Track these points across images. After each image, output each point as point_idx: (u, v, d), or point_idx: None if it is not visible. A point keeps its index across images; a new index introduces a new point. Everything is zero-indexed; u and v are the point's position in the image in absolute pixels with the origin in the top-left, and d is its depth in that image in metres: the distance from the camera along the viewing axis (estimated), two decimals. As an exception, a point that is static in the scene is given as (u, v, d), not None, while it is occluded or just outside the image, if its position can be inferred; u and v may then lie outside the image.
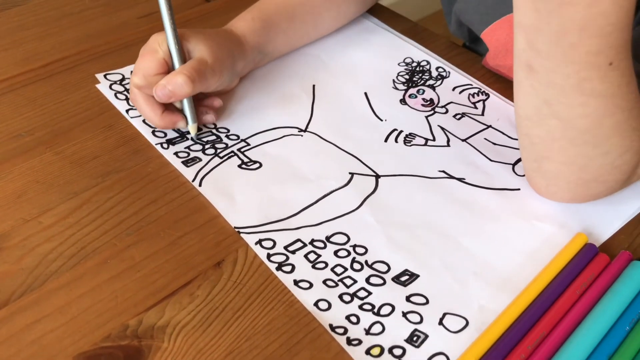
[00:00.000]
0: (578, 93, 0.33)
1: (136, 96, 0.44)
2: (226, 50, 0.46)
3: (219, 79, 0.45)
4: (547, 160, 0.37)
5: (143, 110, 0.44)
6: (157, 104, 0.44)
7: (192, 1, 0.63)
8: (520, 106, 0.37)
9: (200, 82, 0.43)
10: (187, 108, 0.44)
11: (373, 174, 0.44)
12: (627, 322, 0.34)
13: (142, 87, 0.43)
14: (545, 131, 0.36)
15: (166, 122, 0.44)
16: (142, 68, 0.43)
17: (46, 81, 0.52)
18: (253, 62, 0.50)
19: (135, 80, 0.43)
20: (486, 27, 0.49)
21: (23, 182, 0.42)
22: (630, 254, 0.37)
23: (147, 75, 0.42)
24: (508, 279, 0.37)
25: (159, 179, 0.43)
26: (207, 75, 0.43)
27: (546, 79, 0.33)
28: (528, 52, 0.33)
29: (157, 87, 0.42)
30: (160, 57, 0.43)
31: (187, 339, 0.34)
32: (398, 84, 0.52)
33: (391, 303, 0.35)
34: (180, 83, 0.42)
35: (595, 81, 0.32)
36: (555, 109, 0.34)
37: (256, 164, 0.44)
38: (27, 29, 0.58)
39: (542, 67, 0.33)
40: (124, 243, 0.39)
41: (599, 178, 0.37)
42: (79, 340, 0.34)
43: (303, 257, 0.38)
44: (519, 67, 0.35)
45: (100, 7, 0.61)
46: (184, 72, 0.42)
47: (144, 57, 0.43)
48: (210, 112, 0.46)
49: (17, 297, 0.36)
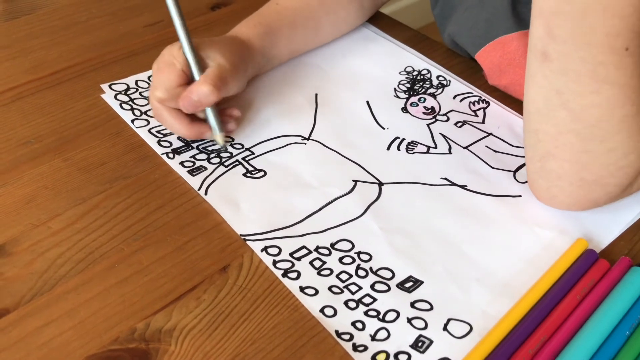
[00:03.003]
0: (592, 79, 0.34)
1: (160, 110, 0.44)
2: (239, 55, 0.47)
3: (237, 83, 0.46)
4: (551, 158, 0.38)
5: (170, 124, 0.44)
6: (183, 116, 0.44)
7: (198, 10, 0.64)
8: (530, 100, 0.38)
9: (223, 89, 0.44)
10: (213, 117, 0.45)
11: (376, 181, 0.44)
12: (627, 327, 0.34)
13: (165, 101, 0.43)
14: (553, 124, 0.36)
15: (195, 133, 0.45)
16: (163, 81, 0.43)
17: (54, 89, 0.52)
18: (258, 66, 0.51)
19: (158, 94, 0.43)
20: (479, 49, 0.50)
21: (32, 188, 0.43)
22: (630, 259, 0.38)
23: (170, 89, 0.43)
24: (510, 285, 0.37)
25: (165, 185, 0.44)
26: (228, 81, 0.44)
27: (560, 65, 0.34)
28: (545, 39, 0.34)
29: (183, 99, 0.43)
30: (179, 69, 0.43)
31: (194, 343, 0.34)
32: (399, 92, 0.53)
33: (396, 309, 0.36)
34: (206, 92, 0.42)
35: (610, 66, 0.33)
36: (566, 98, 0.35)
37: (261, 173, 0.45)
38: (35, 37, 0.59)
39: (558, 52, 0.34)
40: (131, 248, 0.39)
41: (601, 180, 0.37)
42: (87, 343, 0.34)
43: (308, 264, 0.38)
44: (533, 56, 0.36)
45: (107, 16, 0.62)
46: (208, 82, 0.43)
47: (162, 71, 0.43)
48: (231, 120, 0.47)
49: (26, 301, 0.36)
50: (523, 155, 0.46)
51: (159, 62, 0.44)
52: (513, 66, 0.48)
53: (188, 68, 0.44)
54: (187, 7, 0.64)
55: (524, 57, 0.47)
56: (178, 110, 0.44)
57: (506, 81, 0.50)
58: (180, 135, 0.45)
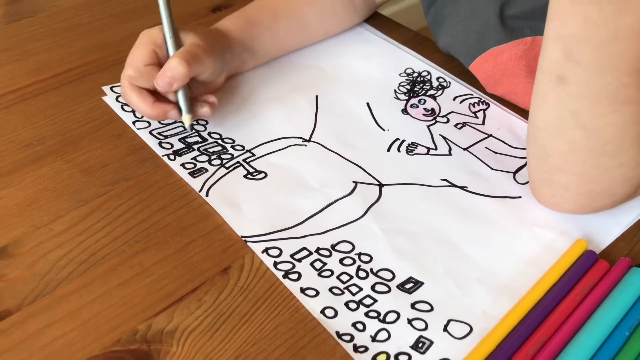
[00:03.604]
0: (611, 101, 0.33)
1: (126, 89, 0.45)
2: (216, 40, 0.47)
3: (212, 63, 0.46)
4: (560, 172, 0.37)
5: (133, 102, 0.45)
6: (147, 95, 0.44)
7: (199, 12, 0.64)
8: (539, 118, 0.37)
9: (195, 64, 0.44)
10: (182, 98, 0.45)
11: (376, 182, 0.44)
12: (627, 327, 0.34)
13: (133, 78, 0.44)
14: (565, 142, 0.36)
15: (158, 112, 0.44)
16: (133, 60, 0.44)
17: (56, 91, 0.53)
18: (240, 58, 0.51)
19: (128, 72, 0.44)
20: (472, 60, 0.50)
21: (34, 190, 0.43)
22: (630, 260, 0.38)
23: (139, 66, 0.44)
24: (510, 285, 0.37)
25: (166, 187, 0.44)
26: (201, 58, 0.44)
27: (579, 89, 0.34)
28: (563, 64, 0.33)
29: (158, 77, 0.43)
30: (151, 48, 0.44)
31: (195, 344, 0.34)
32: (399, 94, 0.53)
33: (396, 310, 0.36)
34: (174, 65, 0.43)
35: (632, 87, 0.33)
36: (581, 120, 0.34)
37: (261, 174, 0.45)
38: (37, 40, 0.59)
39: (578, 77, 0.33)
40: (133, 249, 0.39)
41: (608, 191, 0.37)
42: (89, 344, 0.34)
43: (309, 265, 0.38)
44: (546, 79, 0.35)
45: (109, 19, 0.62)
46: (177, 55, 0.43)
47: (134, 50, 0.44)
48: (206, 105, 0.47)
49: (29, 303, 0.36)
50: (523, 157, 0.46)
51: (137, 42, 0.45)
52: (507, 76, 0.49)
53: (162, 49, 0.44)
54: (187, 9, 0.64)
55: (517, 67, 0.47)
56: (144, 90, 0.44)
57: (502, 91, 0.50)
58: (145, 115, 0.45)
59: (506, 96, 0.51)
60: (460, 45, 0.51)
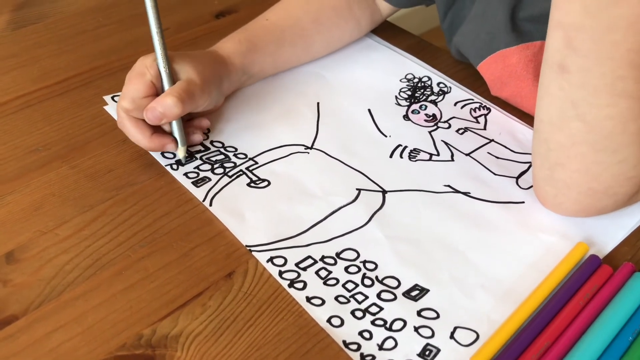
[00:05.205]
0: (609, 93, 0.34)
1: (123, 120, 0.44)
2: (212, 71, 0.46)
3: (207, 98, 0.45)
4: (561, 168, 0.38)
5: (131, 134, 0.44)
6: (145, 127, 0.44)
7: (202, 18, 0.64)
8: (543, 110, 0.38)
9: (189, 103, 0.43)
10: (177, 130, 0.45)
11: (380, 189, 0.45)
12: (630, 332, 0.34)
13: (130, 111, 0.43)
14: (566, 135, 0.36)
15: (156, 145, 0.44)
16: (130, 92, 0.43)
17: (61, 97, 0.53)
18: (238, 82, 0.51)
19: (124, 104, 0.43)
20: (481, 60, 0.51)
21: (40, 195, 0.44)
22: (633, 265, 0.38)
23: (136, 99, 0.43)
24: (515, 291, 0.37)
25: (171, 192, 0.44)
26: (195, 96, 0.44)
27: (579, 78, 0.34)
28: (563, 52, 0.34)
29: (148, 110, 0.42)
30: (148, 79, 0.43)
31: (200, 348, 0.35)
32: (401, 100, 0.53)
33: (403, 318, 0.36)
34: (170, 104, 0.42)
35: (629, 81, 0.33)
36: (581, 111, 0.35)
37: (265, 182, 0.45)
38: (42, 46, 0.59)
39: (577, 66, 0.34)
40: (137, 255, 0.40)
41: (609, 190, 0.37)
42: (94, 349, 0.35)
43: (314, 274, 0.39)
44: (549, 67, 0.36)
45: (114, 25, 0.63)
46: (173, 94, 0.42)
47: (131, 81, 0.43)
48: (198, 131, 0.47)
49: (35, 307, 0.37)
50: (525, 162, 0.47)
51: (131, 72, 0.44)
52: (514, 79, 0.49)
53: (159, 80, 0.44)
54: (191, 15, 0.64)
55: (525, 70, 0.48)
56: (141, 121, 0.44)
57: (507, 93, 0.51)
58: (142, 146, 0.45)
59: (511, 99, 0.51)
60: (470, 43, 0.51)
